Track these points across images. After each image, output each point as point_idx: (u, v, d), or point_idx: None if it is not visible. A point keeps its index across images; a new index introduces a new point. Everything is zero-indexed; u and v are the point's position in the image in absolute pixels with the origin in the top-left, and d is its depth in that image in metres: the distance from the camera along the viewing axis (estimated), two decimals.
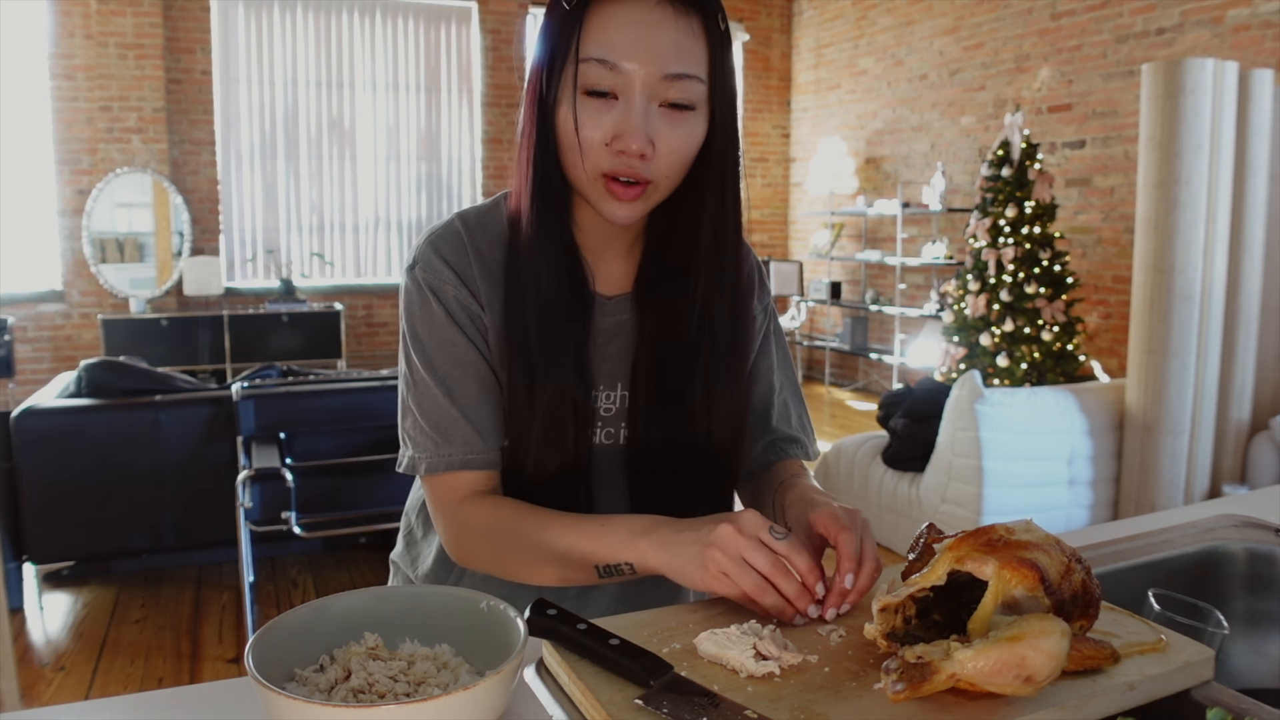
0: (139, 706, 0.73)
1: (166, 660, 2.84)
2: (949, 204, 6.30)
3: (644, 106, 0.81)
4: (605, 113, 0.82)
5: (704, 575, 0.75)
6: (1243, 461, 3.61)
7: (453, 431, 0.90)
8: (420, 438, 0.91)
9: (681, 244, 0.91)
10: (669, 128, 0.83)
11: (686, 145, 0.84)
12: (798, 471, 0.99)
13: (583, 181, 0.85)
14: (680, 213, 0.90)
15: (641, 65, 0.80)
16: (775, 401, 1.05)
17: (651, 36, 0.80)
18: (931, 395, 3.76)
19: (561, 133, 0.84)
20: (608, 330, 0.95)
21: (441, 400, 0.90)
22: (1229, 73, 3.36)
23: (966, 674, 0.62)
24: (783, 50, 8.24)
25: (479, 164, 7.29)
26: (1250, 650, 1.06)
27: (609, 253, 0.95)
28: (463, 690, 0.60)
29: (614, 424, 0.95)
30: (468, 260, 0.91)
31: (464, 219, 0.94)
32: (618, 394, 0.95)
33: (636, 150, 0.81)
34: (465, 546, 0.91)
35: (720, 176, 0.89)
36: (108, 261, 6.20)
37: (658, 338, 0.93)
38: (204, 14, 6.39)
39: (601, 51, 0.80)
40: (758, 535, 0.74)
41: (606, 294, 0.95)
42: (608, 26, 0.80)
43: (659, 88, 0.81)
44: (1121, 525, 1.16)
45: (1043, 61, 5.64)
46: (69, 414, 3.28)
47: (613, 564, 0.81)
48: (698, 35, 0.82)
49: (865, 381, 7.55)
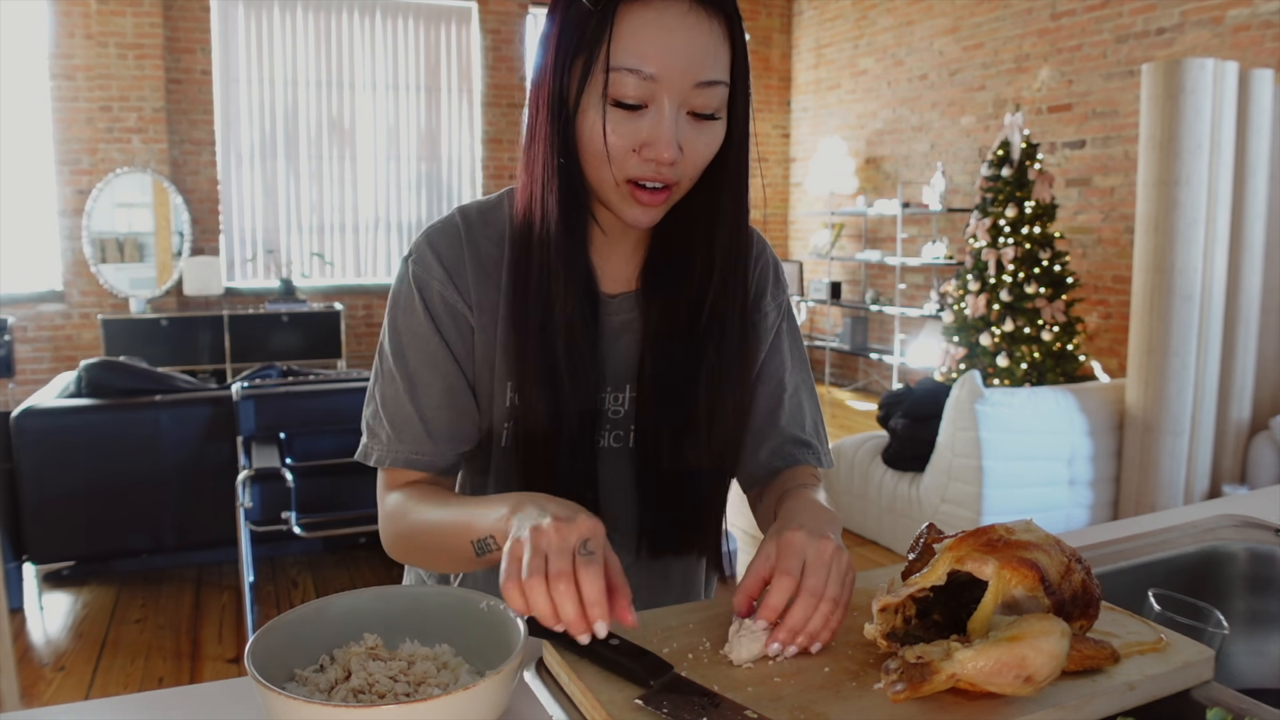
0: (139, 706, 0.73)
1: (166, 660, 2.84)
2: (949, 204, 6.30)
3: (674, 115, 0.80)
4: (634, 120, 0.80)
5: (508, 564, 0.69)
6: (1243, 461, 3.61)
7: (406, 429, 0.90)
8: (377, 428, 0.92)
9: (688, 242, 0.91)
10: (695, 133, 0.82)
11: (710, 149, 0.84)
12: (804, 481, 0.94)
13: (607, 187, 0.84)
14: (687, 210, 0.89)
15: (674, 74, 0.78)
16: (787, 402, 1.01)
17: (685, 44, 0.78)
18: (931, 395, 3.76)
19: (586, 139, 0.82)
20: (614, 329, 0.94)
21: (403, 396, 0.90)
22: (1229, 73, 3.36)
23: (966, 674, 0.62)
24: (783, 50, 8.24)
25: (479, 164, 7.29)
26: (1250, 650, 1.06)
27: (615, 251, 0.94)
28: (463, 690, 0.60)
29: (623, 426, 0.94)
30: (462, 257, 0.91)
31: (465, 214, 0.93)
32: (626, 395, 0.94)
33: (669, 159, 0.80)
34: (388, 535, 0.91)
35: (733, 176, 0.88)
36: (108, 261, 6.20)
37: (663, 336, 0.92)
38: (204, 14, 6.39)
39: (634, 61, 0.77)
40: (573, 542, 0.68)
41: (610, 292, 0.94)
42: (639, 33, 0.78)
43: (688, 95, 0.80)
44: (1121, 525, 1.16)
45: (1043, 61, 5.64)
46: (69, 414, 3.28)
47: (482, 539, 0.78)
48: (723, 39, 0.81)
49: (865, 381, 7.55)
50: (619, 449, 0.94)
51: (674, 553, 0.96)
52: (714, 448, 0.92)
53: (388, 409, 0.91)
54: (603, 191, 0.85)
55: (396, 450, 0.90)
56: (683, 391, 0.92)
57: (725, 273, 0.91)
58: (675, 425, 0.92)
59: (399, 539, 0.90)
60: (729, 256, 0.90)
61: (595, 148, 0.81)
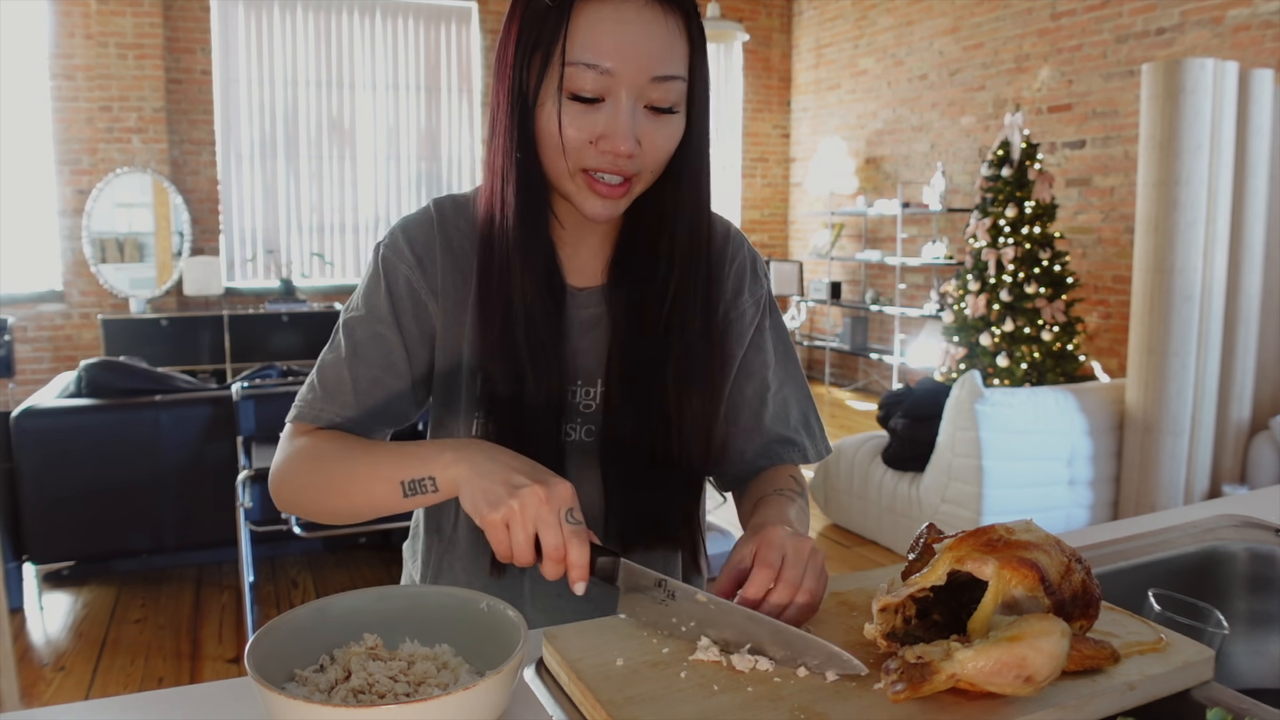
0: (139, 706, 0.74)
1: (166, 660, 2.84)
2: (949, 204, 6.31)
3: (631, 108, 0.81)
4: (591, 114, 0.81)
5: (489, 516, 0.73)
6: (1243, 461, 3.61)
7: (336, 394, 0.91)
8: (310, 388, 0.93)
9: (652, 236, 0.92)
10: (653, 126, 0.83)
11: (670, 143, 0.85)
12: (782, 485, 0.96)
13: (564, 179, 0.85)
14: (651, 205, 0.90)
15: (630, 68, 0.79)
16: (771, 400, 1.02)
17: (641, 38, 0.79)
18: (931, 395, 3.76)
19: (544, 133, 0.83)
20: (583, 323, 0.95)
21: (342, 362, 0.91)
22: (1229, 73, 3.36)
23: (966, 674, 0.62)
24: (783, 50, 8.24)
25: (479, 164, 7.23)
26: (1250, 650, 1.06)
27: (582, 246, 0.95)
28: (463, 690, 0.60)
29: (594, 420, 0.95)
30: (434, 247, 0.93)
31: (439, 206, 0.95)
32: (597, 390, 0.95)
33: (625, 151, 0.81)
34: (284, 473, 0.90)
35: (693, 171, 0.89)
36: (108, 261, 6.20)
37: (630, 330, 0.93)
38: (204, 14, 6.39)
39: (590, 55, 0.79)
40: (560, 511, 0.73)
41: (578, 286, 0.95)
42: (595, 28, 0.79)
43: (646, 89, 0.81)
44: (1121, 525, 1.16)
45: (1043, 61, 5.64)
46: (69, 414, 3.28)
47: (417, 478, 0.79)
48: (680, 35, 0.82)
49: (865, 381, 7.55)
50: (589, 443, 0.95)
51: (643, 546, 0.96)
52: (683, 443, 0.93)
53: (323, 372, 0.92)
54: (560, 184, 0.86)
55: (321, 408, 0.91)
56: (650, 386, 0.92)
57: (684, 267, 0.91)
58: (643, 420, 0.93)
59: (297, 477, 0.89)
60: (688, 251, 0.91)
61: (552, 140, 0.83)
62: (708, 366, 0.94)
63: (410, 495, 0.80)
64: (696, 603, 0.74)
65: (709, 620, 0.73)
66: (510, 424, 0.89)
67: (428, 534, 1.03)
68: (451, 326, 0.93)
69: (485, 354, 0.90)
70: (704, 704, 0.64)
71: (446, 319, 0.93)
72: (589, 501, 0.95)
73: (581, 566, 0.73)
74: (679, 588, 0.74)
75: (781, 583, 0.75)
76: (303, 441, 0.90)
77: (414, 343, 0.93)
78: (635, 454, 0.93)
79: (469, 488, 0.75)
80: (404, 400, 0.93)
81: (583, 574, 0.73)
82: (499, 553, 0.74)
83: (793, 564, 0.76)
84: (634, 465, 0.93)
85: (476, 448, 0.79)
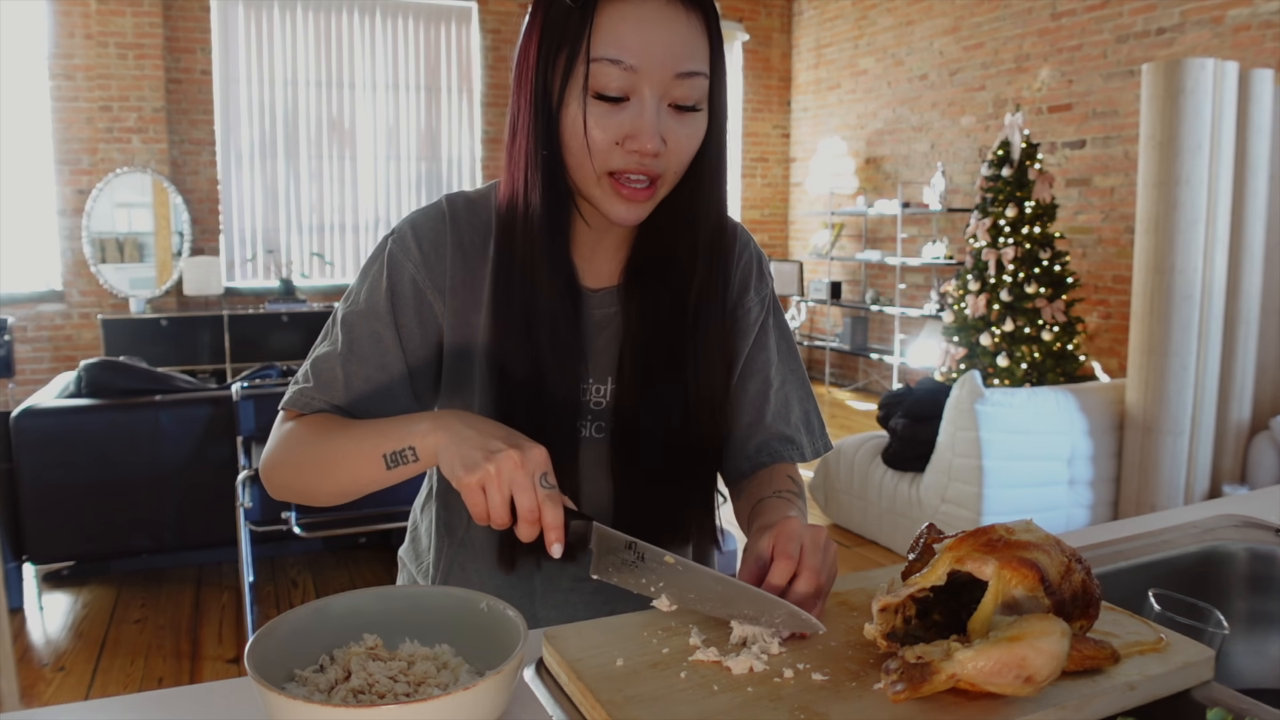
0: (139, 706, 0.74)
1: (166, 660, 2.84)
2: (949, 204, 6.30)
3: (655, 106, 0.81)
4: (616, 114, 0.81)
5: (465, 479, 0.74)
6: (1243, 461, 3.60)
7: (329, 387, 0.91)
8: (303, 379, 0.93)
9: (670, 237, 0.92)
10: (677, 124, 0.83)
11: (693, 142, 0.85)
12: (780, 487, 0.96)
13: (589, 183, 0.85)
14: (669, 207, 0.90)
15: (654, 64, 0.80)
16: (773, 397, 1.02)
17: (664, 35, 0.80)
18: (931, 395, 3.76)
19: (569, 135, 0.83)
20: (596, 322, 0.95)
21: (336, 358, 0.91)
22: (1229, 73, 3.36)
23: (966, 674, 0.62)
24: (783, 50, 8.24)
25: (479, 164, 7.29)
26: (1250, 650, 1.06)
27: (600, 247, 0.95)
28: (463, 690, 0.60)
29: (604, 417, 0.96)
30: (444, 244, 0.92)
31: (452, 202, 0.94)
32: (607, 388, 0.95)
33: (652, 150, 0.81)
34: (275, 458, 0.91)
35: (712, 170, 0.89)
36: (108, 261, 6.20)
37: (644, 330, 0.93)
38: (204, 14, 6.39)
39: (614, 52, 0.79)
40: (534, 475, 0.74)
41: (592, 286, 0.95)
42: (619, 26, 0.79)
43: (670, 86, 0.81)
44: (1121, 525, 1.16)
45: (1043, 61, 5.64)
46: (69, 414, 3.28)
47: (398, 449, 0.81)
48: (702, 32, 0.83)
49: (865, 381, 7.55)
50: (600, 440, 0.96)
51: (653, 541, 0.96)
52: (692, 440, 0.94)
53: (317, 365, 0.92)
54: (585, 187, 0.86)
55: (312, 398, 0.91)
56: (662, 385, 0.93)
57: (706, 268, 0.92)
58: (654, 418, 0.93)
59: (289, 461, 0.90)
60: (710, 251, 0.92)
61: (577, 141, 0.82)
62: (718, 365, 0.95)
63: (393, 467, 0.82)
64: (665, 564, 0.76)
65: (676, 581, 0.76)
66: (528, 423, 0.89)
67: (438, 536, 1.03)
68: (461, 325, 0.93)
69: (504, 355, 0.90)
70: (703, 704, 0.64)
71: (455, 318, 0.93)
72: (599, 498, 0.96)
73: (556, 528, 0.74)
74: (648, 549, 0.76)
75: (805, 570, 0.76)
76: (290, 427, 0.91)
77: (413, 342, 0.93)
78: (645, 451, 0.94)
79: (447, 453, 0.77)
80: (397, 399, 0.93)
81: (558, 535, 0.74)
82: (475, 515, 0.75)
83: (811, 551, 0.78)
84: (644, 462, 0.94)
85: (454, 416, 0.80)
